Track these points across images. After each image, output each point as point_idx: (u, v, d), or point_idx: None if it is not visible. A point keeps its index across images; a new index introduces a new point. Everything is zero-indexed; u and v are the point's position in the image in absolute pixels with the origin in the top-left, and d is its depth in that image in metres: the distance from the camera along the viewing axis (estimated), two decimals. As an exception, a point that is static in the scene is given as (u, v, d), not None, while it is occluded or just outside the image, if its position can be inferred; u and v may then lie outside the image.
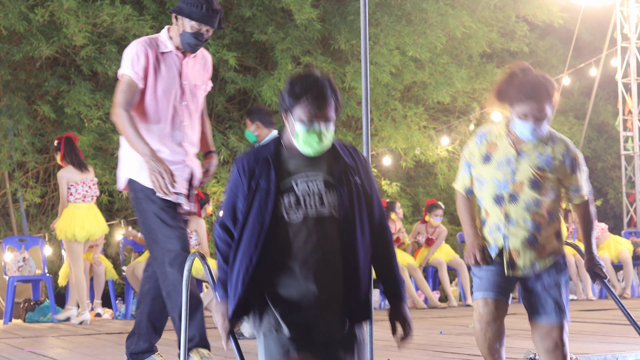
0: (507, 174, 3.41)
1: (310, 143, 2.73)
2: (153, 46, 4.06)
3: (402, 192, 12.46)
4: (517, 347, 5.33)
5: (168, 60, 4.10)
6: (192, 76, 4.16)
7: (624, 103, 12.80)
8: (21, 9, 9.76)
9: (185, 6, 3.99)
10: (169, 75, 4.07)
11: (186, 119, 4.15)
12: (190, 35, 4.02)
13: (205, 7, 3.99)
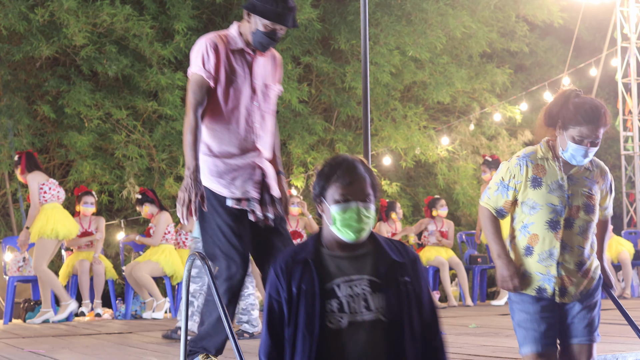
0: (563, 199, 3.30)
1: (349, 224, 2.50)
2: (223, 42, 3.83)
3: (402, 192, 12.47)
4: (517, 347, 5.32)
5: (238, 58, 3.86)
6: (263, 76, 3.93)
7: (624, 103, 12.80)
8: (21, 9, 9.76)
9: (259, 3, 3.76)
10: (240, 74, 3.85)
11: (257, 120, 3.91)
12: (263, 34, 3.78)
13: (281, 6, 3.75)
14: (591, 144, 3.25)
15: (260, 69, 3.91)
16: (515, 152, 12.34)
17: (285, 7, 3.75)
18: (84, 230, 8.95)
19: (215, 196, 3.76)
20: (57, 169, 11.66)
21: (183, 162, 10.87)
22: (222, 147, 3.82)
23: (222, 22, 11.93)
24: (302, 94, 11.03)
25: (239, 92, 3.83)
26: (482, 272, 10.74)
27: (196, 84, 3.79)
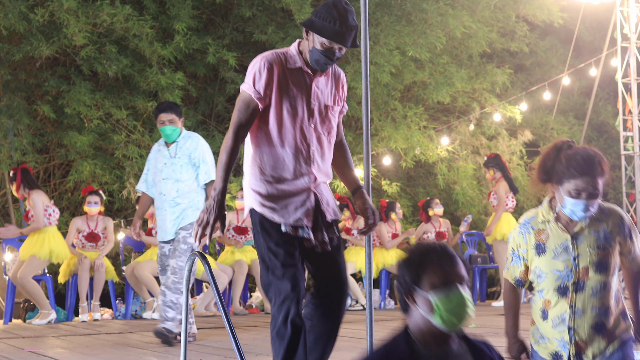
0: (569, 262, 3.12)
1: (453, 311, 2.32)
2: (280, 61, 3.65)
3: (402, 192, 12.47)
4: (517, 347, 5.31)
5: (296, 77, 3.65)
6: (322, 96, 3.70)
7: (624, 103, 12.79)
8: (21, 9, 9.76)
9: (317, 20, 3.56)
10: (296, 94, 3.62)
11: (314, 143, 3.66)
12: (320, 52, 3.58)
13: (339, 24, 3.51)
14: (589, 197, 3.06)
15: (319, 89, 3.70)
16: (515, 152, 12.38)
17: (345, 26, 3.53)
18: (90, 231, 8.95)
19: (269, 222, 3.58)
20: (57, 169, 11.66)
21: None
22: (275, 171, 3.63)
23: (222, 22, 11.93)
24: (302, 94, 11.03)
25: (294, 113, 3.62)
26: (482, 272, 10.74)
27: (243, 102, 3.60)
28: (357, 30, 3.59)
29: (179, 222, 6.45)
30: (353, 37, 3.57)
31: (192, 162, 6.46)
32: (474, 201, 12.38)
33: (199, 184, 6.49)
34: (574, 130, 14.27)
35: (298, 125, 3.62)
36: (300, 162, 3.63)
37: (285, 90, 3.61)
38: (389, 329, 7.56)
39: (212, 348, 6.00)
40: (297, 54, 3.71)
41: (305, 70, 3.67)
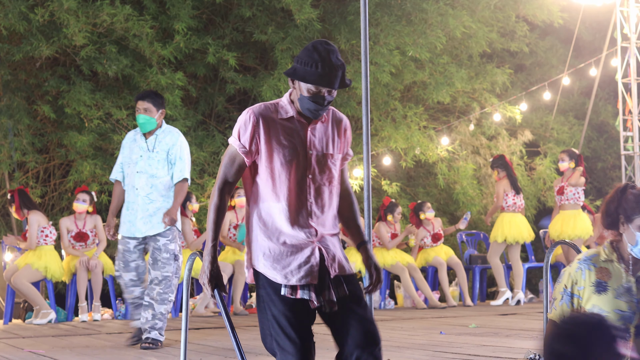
0: (632, 304, 3.04)
1: None
2: (269, 112, 3.45)
3: (402, 192, 12.46)
4: (517, 347, 5.33)
5: (289, 127, 3.45)
6: (320, 144, 3.49)
7: (624, 103, 12.79)
8: (21, 9, 9.76)
9: (299, 67, 3.38)
10: (290, 145, 3.42)
11: (312, 195, 3.46)
12: (309, 99, 3.37)
13: (321, 66, 3.32)
14: None
15: (316, 136, 3.49)
16: (515, 152, 12.38)
17: (328, 67, 3.33)
18: (78, 231, 8.96)
19: (270, 283, 3.38)
20: (57, 169, 11.66)
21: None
22: (274, 227, 3.43)
23: (222, 22, 11.93)
24: (302, 94, 11.02)
25: (289, 165, 3.42)
26: (482, 272, 10.74)
27: (229, 156, 3.44)
28: (344, 69, 3.38)
29: (154, 224, 6.23)
30: (341, 77, 3.38)
31: (169, 159, 6.24)
32: (474, 201, 12.38)
33: (173, 181, 6.28)
34: (574, 130, 14.27)
35: (294, 177, 3.43)
36: (298, 216, 3.43)
37: (276, 142, 3.42)
38: (389, 329, 7.57)
39: (212, 348, 6.00)
40: (288, 103, 3.48)
41: (298, 119, 3.46)
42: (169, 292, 6.23)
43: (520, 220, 9.99)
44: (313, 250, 3.40)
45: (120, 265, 6.33)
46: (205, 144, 11.22)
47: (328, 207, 3.51)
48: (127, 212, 6.33)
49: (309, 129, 3.46)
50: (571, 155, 10.06)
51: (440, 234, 10.28)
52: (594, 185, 15.51)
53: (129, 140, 6.43)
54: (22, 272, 8.60)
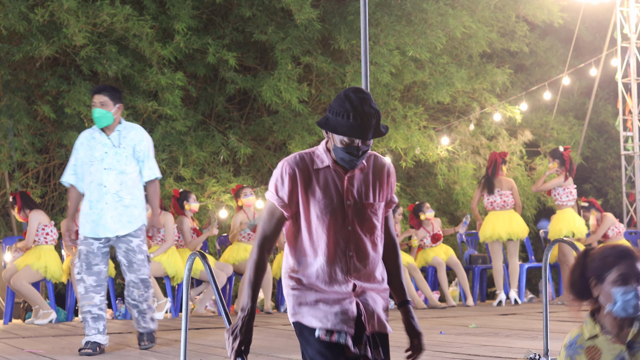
0: None
1: None
2: (304, 163, 3.30)
3: (402, 192, 12.46)
4: (517, 347, 5.33)
5: (325, 177, 3.29)
6: (359, 194, 3.31)
7: (624, 103, 12.80)
8: (21, 9, 9.76)
9: (331, 117, 3.21)
10: (326, 196, 3.28)
11: (352, 248, 3.28)
12: (342, 150, 3.21)
13: (353, 116, 3.15)
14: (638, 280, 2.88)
15: (355, 186, 3.31)
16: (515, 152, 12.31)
17: (361, 117, 3.15)
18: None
19: (306, 328, 3.25)
20: (57, 169, 11.66)
21: (183, 162, 10.89)
22: (310, 280, 3.29)
23: (222, 22, 11.93)
24: (302, 94, 11.03)
25: (325, 217, 3.27)
26: (482, 272, 10.74)
27: (267, 211, 3.29)
28: (378, 117, 3.18)
29: (124, 222, 6.00)
30: (375, 126, 3.19)
31: (137, 156, 5.99)
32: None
33: (142, 179, 6.06)
34: (574, 130, 14.27)
35: (332, 230, 3.26)
36: (337, 270, 3.25)
37: (312, 194, 3.27)
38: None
39: (212, 348, 6.00)
40: (324, 152, 3.30)
41: (334, 168, 3.27)
42: (149, 290, 6.10)
43: (509, 216, 9.84)
44: (350, 304, 3.23)
45: (82, 267, 6.00)
46: (205, 144, 11.22)
47: (371, 260, 3.30)
48: (91, 211, 6.02)
49: (347, 178, 3.28)
50: (554, 155, 10.04)
51: (440, 234, 10.28)
52: (594, 185, 15.52)
53: (86, 138, 6.13)
54: (22, 273, 8.60)
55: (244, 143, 11.32)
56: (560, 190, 9.87)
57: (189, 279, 3.58)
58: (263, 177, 12.17)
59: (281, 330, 7.22)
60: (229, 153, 11.24)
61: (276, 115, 11.69)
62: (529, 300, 10.74)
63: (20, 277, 8.57)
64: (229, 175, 11.16)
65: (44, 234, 8.73)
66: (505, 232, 9.64)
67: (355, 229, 3.27)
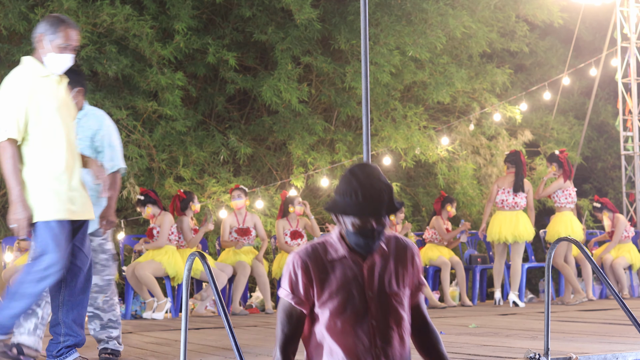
0: None
1: None
2: (317, 254, 3.02)
3: (402, 192, 12.47)
4: (517, 347, 5.32)
5: (340, 268, 3.01)
6: (381, 282, 3.02)
7: (624, 103, 12.80)
8: (21, 9, 9.77)
9: (338, 198, 2.96)
10: (344, 289, 2.98)
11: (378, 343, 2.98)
12: (355, 234, 2.96)
13: (362, 193, 2.90)
14: None
15: (375, 274, 3.02)
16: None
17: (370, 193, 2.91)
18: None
19: None
20: (57, 169, 11.66)
21: (183, 162, 10.89)
22: None
23: (222, 22, 11.93)
24: (302, 94, 11.03)
25: (344, 312, 2.98)
26: (482, 272, 10.74)
27: (284, 312, 3.03)
28: (389, 192, 2.93)
29: None
30: (387, 202, 2.92)
31: (95, 145, 5.28)
32: (474, 201, 12.38)
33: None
34: (574, 130, 14.27)
35: (353, 327, 2.96)
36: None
37: (329, 288, 2.98)
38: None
39: (212, 348, 6.00)
40: (338, 240, 3.04)
41: (351, 257, 3.00)
42: (113, 296, 5.38)
43: (516, 218, 9.72)
44: None
45: None
46: (205, 144, 11.22)
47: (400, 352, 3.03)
48: None
49: (366, 267, 2.99)
50: (550, 160, 10.00)
51: (449, 230, 10.34)
52: (594, 185, 15.52)
53: None
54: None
55: (244, 143, 11.31)
56: (559, 192, 9.86)
57: (188, 279, 3.58)
58: (263, 177, 12.17)
59: (281, 330, 7.21)
60: (229, 153, 11.24)
61: (276, 115, 11.69)
62: (529, 301, 10.74)
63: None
64: (229, 175, 11.16)
65: None
66: (511, 234, 9.58)
67: (379, 322, 2.97)
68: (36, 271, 4.58)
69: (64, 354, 5.00)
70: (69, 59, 4.68)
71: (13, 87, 4.59)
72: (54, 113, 4.61)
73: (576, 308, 9.22)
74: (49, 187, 4.58)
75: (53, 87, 4.68)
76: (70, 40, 4.67)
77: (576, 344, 5.32)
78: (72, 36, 4.67)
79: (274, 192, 11.37)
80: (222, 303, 3.30)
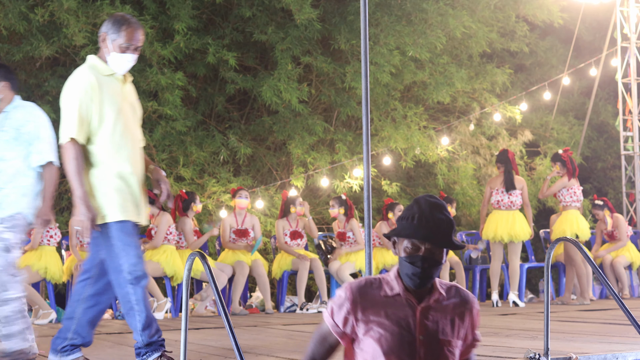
0: None
1: None
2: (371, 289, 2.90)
3: (402, 192, 12.47)
4: (517, 347, 5.32)
5: (394, 307, 2.86)
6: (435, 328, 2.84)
7: (624, 103, 12.80)
8: (21, 9, 9.76)
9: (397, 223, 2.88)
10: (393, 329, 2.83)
11: None
12: (405, 260, 2.82)
13: (418, 217, 2.81)
14: None
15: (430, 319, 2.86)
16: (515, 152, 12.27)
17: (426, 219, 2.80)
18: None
19: None
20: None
21: (183, 162, 10.89)
22: None
23: (222, 22, 11.93)
24: (302, 94, 11.03)
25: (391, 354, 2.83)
26: (482, 272, 10.74)
27: (319, 333, 2.97)
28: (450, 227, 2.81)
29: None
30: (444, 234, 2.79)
31: (23, 138, 4.99)
32: (474, 201, 12.38)
33: (30, 165, 4.98)
34: (574, 130, 14.27)
35: None
36: None
37: (377, 325, 2.84)
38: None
39: (212, 348, 6.00)
40: (395, 278, 2.89)
41: (406, 297, 2.85)
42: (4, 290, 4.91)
43: (513, 217, 9.69)
44: None
45: None
46: (205, 144, 11.22)
47: None
48: None
49: (420, 309, 2.84)
50: (554, 159, 10.00)
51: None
52: (594, 185, 15.52)
53: None
54: None
55: (244, 143, 11.31)
56: (564, 191, 9.86)
57: (188, 279, 3.58)
58: (263, 177, 12.17)
59: (281, 330, 7.22)
60: (229, 153, 11.24)
61: (276, 115, 11.69)
62: (529, 300, 10.74)
63: (27, 288, 8.58)
64: (229, 175, 11.16)
65: (48, 235, 8.77)
66: (506, 234, 9.54)
67: None
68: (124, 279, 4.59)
69: (68, 352, 4.89)
70: (132, 59, 4.68)
71: (76, 88, 4.57)
72: (118, 113, 4.59)
73: (576, 308, 9.22)
74: (115, 187, 4.55)
75: (116, 86, 4.67)
76: (132, 40, 4.66)
77: (576, 344, 5.31)
78: (134, 36, 4.67)
79: (274, 192, 11.37)
80: (222, 303, 3.30)
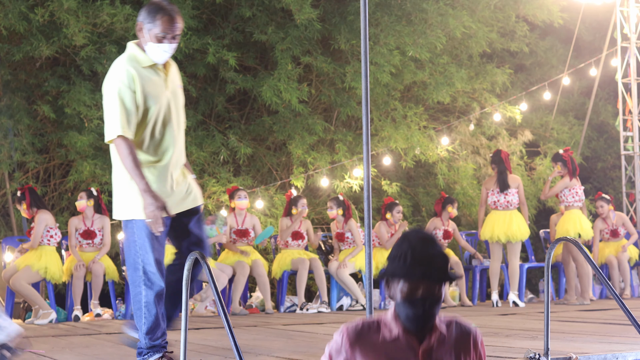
0: None
1: None
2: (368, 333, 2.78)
3: (402, 192, 12.46)
4: (517, 347, 5.32)
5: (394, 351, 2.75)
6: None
7: (624, 103, 12.80)
8: (21, 9, 9.76)
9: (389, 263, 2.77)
10: None
11: None
12: (403, 303, 2.71)
13: (411, 256, 2.69)
14: None
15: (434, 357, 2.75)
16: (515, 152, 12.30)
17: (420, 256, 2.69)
18: (86, 229, 9.02)
19: None
20: (57, 169, 11.66)
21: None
22: None
23: (222, 22, 11.93)
24: (302, 94, 11.03)
25: None
26: (482, 272, 10.74)
27: None
28: (444, 260, 2.70)
29: None
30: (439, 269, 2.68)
31: None
32: (474, 201, 12.38)
33: None
34: (574, 130, 14.27)
35: None
36: None
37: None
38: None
39: (212, 348, 6.00)
40: (393, 320, 2.76)
41: (406, 339, 2.73)
42: None
43: (510, 217, 9.66)
44: None
45: None
46: (205, 144, 11.22)
47: None
48: None
49: (421, 351, 2.71)
50: (555, 159, 10.00)
51: (451, 233, 10.26)
52: (594, 185, 15.52)
53: None
54: (21, 274, 8.60)
55: (244, 143, 11.31)
56: (566, 191, 9.86)
57: (188, 279, 3.58)
58: (263, 177, 12.17)
59: (281, 330, 7.22)
60: (229, 153, 11.24)
61: (276, 115, 11.69)
62: (529, 301, 10.74)
63: (19, 277, 8.58)
64: (229, 175, 11.16)
65: (48, 236, 8.78)
66: (504, 234, 9.52)
67: None
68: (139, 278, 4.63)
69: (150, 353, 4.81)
70: (170, 48, 4.55)
71: (116, 81, 4.55)
72: (158, 103, 4.51)
73: (576, 308, 9.22)
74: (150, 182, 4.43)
75: (156, 78, 4.57)
76: (169, 30, 4.56)
77: (576, 344, 5.32)
78: (171, 25, 4.55)
79: (274, 192, 11.37)
80: (222, 303, 3.30)
